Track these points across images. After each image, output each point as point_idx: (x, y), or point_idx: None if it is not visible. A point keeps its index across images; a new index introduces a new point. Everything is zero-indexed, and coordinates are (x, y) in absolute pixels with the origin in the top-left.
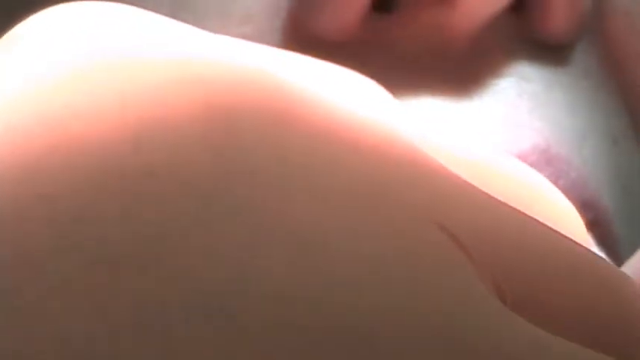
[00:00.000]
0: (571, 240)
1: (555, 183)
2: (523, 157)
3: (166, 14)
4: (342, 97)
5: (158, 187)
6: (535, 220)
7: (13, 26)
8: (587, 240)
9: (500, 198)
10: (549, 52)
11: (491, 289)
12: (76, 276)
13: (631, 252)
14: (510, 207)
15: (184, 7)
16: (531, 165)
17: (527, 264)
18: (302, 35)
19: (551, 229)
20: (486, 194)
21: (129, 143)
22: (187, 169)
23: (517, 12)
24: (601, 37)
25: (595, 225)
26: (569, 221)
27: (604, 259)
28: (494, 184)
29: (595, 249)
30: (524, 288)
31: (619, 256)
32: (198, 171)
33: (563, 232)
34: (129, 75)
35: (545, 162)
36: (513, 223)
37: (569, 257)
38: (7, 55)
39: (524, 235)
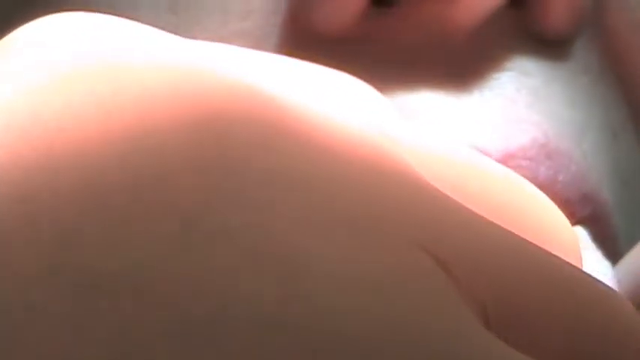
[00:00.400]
0: (559, 259)
1: (555, 177)
2: (522, 151)
3: (166, 10)
4: (333, 110)
5: (143, 208)
6: (521, 238)
7: (8, 32)
8: (575, 249)
9: (484, 206)
10: (549, 46)
11: (477, 312)
12: (58, 301)
13: (630, 246)
14: (496, 225)
15: (183, 2)
16: (530, 159)
17: (512, 285)
18: (302, 30)
19: (537, 247)
20: (471, 212)
21: (114, 161)
22: (173, 190)
23: (517, 6)
24: (600, 31)
25: (594, 219)
26: (558, 234)
27: (592, 277)
28: (479, 191)
29: (588, 242)
30: (509, 309)
31: (618, 250)
32: (184, 192)
33: (551, 244)
34: (116, 87)
35: (545, 156)
36: (499, 243)
37: (556, 278)
38: (2, 62)
39: (510, 256)
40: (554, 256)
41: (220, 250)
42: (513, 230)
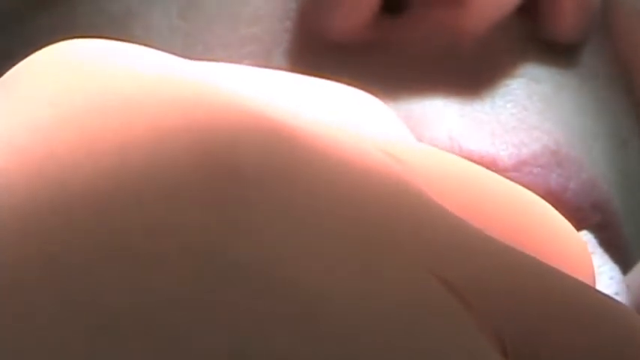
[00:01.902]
0: (574, 280)
1: (566, 184)
2: (534, 159)
3: (176, 16)
4: (343, 133)
5: (158, 247)
6: (538, 262)
7: (11, 64)
8: (588, 265)
9: (496, 224)
10: (559, 52)
11: (492, 341)
12: (76, 343)
13: None
14: (511, 249)
15: (193, 8)
16: (542, 167)
17: (526, 312)
18: (311, 36)
19: (555, 271)
20: (485, 235)
21: (129, 199)
22: (188, 228)
23: (527, 13)
24: (610, 37)
25: (605, 226)
26: (571, 249)
27: (608, 297)
28: (490, 209)
29: (594, 246)
30: (529, 343)
31: (628, 257)
32: (199, 229)
33: (566, 261)
34: (128, 121)
35: (556, 163)
36: (516, 270)
37: (571, 302)
38: (4, 98)
39: (528, 285)
40: (572, 279)
41: (239, 288)
42: (528, 248)
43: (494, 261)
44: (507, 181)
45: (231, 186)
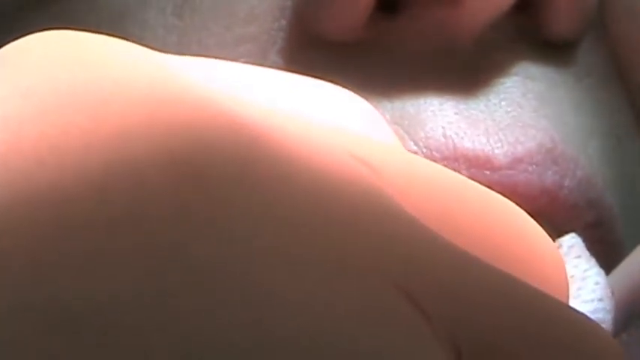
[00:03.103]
0: (538, 291)
1: (561, 182)
2: (529, 156)
3: (171, 14)
4: (316, 135)
5: (118, 245)
6: (504, 274)
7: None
8: (560, 274)
9: (468, 234)
10: (554, 50)
11: (448, 348)
12: (31, 340)
13: None
14: (477, 260)
15: (189, 7)
16: (537, 164)
17: (483, 321)
18: (307, 35)
19: (520, 283)
20: (452, 246)
21: (92, 196)
22: (151, 225)
23: (522, 11)
24: (605, 35)
25: (600, 224)
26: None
27: (580, 314)
28: (463, 219)
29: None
30: (480, 345)
31: (623, 256)
32: (160, 230)
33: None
34: (95, 119)
35: (552, 161)
36: (480, 281)
37: (531, 313)
38: None
39: (490, 296)
40: (536, 290)
41: (198, 287)
42: (500, 258)
43: (457, 271)
44: (487, 191)
45: (194, 187)
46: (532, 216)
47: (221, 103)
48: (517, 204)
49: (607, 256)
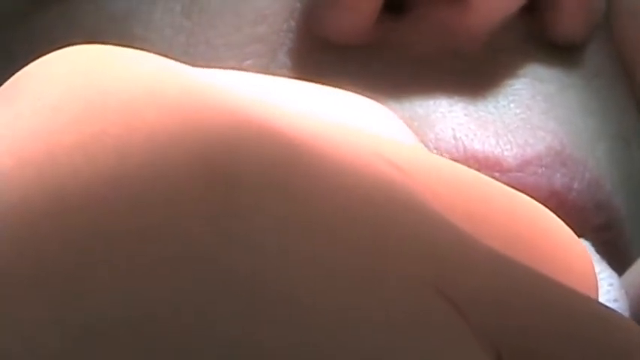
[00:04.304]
0: (575, 293)
1: (570, 185)
2: (539, 159)
3: (180, 14)
4: (345, 142)
5: (151, 254)
6: (539, 275)
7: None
8: (590, 273)
9: (499, 234)
10: (562, 52)
11: (489, 354)
12: (63, 351)
13: None
14: (509, 260)
15: (197, 7)
16: (546, 166)
17: (525, 327)
18: (315, 36)
19: (556, 283)
20: (486, 247)
21: (125, 206)
22: (182, 236)
23: (530, 13)
24: (613, 37)
25: (608, 227)
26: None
27: (610, 311)
28: (493, 218)
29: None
30: (522, 352)
31: (631, 258)
32: (193, 238)
33: (569, 271)
34: (127, 128)
35: (560, 163)
36: (516, 283)
37: (570, 317)
38: (10, 102)
39: (528, 299)
40: (573, 292)
41: (232, 298)
42: (530, 257)
43: (494, 274)
44: (511, 190)
45: (228, 195)
46: None
47: (253, 111)
48: None
49: (616, 258)
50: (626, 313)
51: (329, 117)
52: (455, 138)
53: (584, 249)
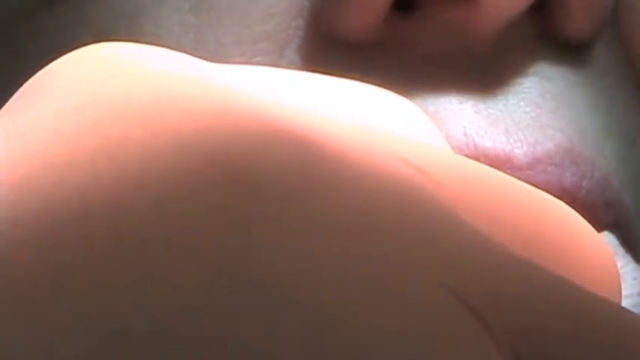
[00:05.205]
0: (597, 298)
1: (579, 183)
2: (549, 157)
3: (188, 12)
4: (366, 142)
5: (175, 260)
6: (559, 279)
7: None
8: (613, 270)
9: (520, 233)
10: (570, 51)
11: (509, 358)
12: (83, 352)
13: None
14: (530, 264)
15: (205, 5)
16: (556, 165)
17: (545, 332)
18: (323, 34)
19: (571, 284)
20: (504, 249)
21: (148, 210)
22: (205, 241)
23: (538, 12)
24: (620, 35)
25: (618, 225)
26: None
27: (634, 315)
28: (513, 218)
29: (616, 246)
30: (543, 356)
31: None
32: (216, 243)
33: (591, 272)
34: (150, 132)
35: (570, 162)
36: (532, 286)
37: (591, 324)
38: (31, 104)
39: (544, 300)
40: (595, 296)
41: (252, 303)
42: (552, 256)
43: (514, 279)
44: (531, 188)
45: (250, 202)
46: None
47: (277, 114)
48: None
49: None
50: None
51: (353, 117)
52: (465, 135)
53: (605, 244)
